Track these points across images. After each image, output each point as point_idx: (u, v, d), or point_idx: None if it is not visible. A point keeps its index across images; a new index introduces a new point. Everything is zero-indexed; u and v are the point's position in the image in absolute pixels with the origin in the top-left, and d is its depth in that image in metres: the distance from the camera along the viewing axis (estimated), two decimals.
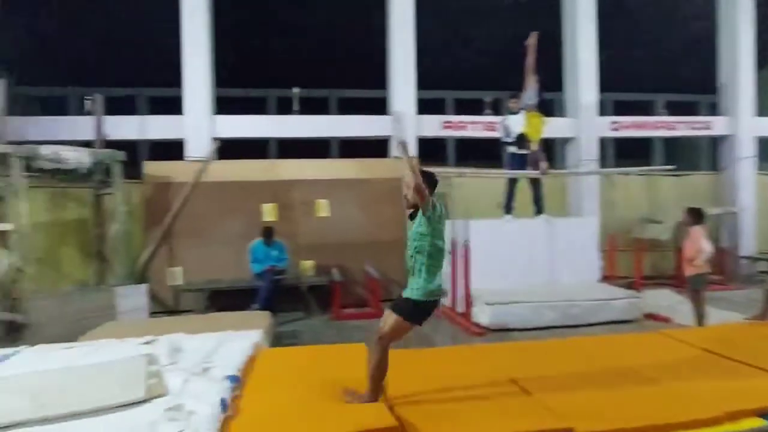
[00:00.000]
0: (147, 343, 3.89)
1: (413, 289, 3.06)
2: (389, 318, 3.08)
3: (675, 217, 7.97)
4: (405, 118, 8.72)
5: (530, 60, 7.56)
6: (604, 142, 10.46)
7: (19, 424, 2.44)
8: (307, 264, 8.10)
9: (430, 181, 3.11)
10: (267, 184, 8.09)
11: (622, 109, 11.51)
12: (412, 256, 3.11)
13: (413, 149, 9.00)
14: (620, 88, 11.87)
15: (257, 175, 8.18)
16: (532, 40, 7.54)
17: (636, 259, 7.59)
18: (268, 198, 8.11)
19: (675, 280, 8.37)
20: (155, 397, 2.60)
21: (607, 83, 10.11)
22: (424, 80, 9.54)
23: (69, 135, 8.05)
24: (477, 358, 4.12)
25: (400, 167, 8.53)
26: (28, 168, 6.19)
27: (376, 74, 10.04)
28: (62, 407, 2.51)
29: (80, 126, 8.25)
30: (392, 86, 9.27)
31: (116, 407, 2.52)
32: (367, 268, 7.70)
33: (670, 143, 12.57)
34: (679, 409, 2.98)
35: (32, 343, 4.48)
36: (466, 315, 6.40)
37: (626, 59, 11.91)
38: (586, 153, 9.53)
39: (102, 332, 4.92)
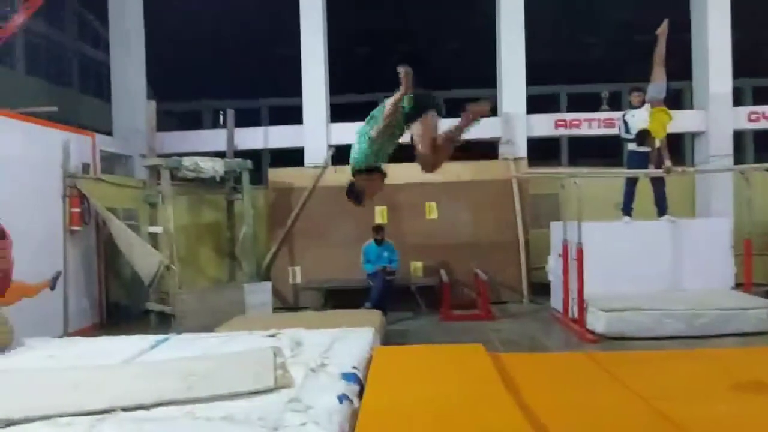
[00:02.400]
0: (272, 336, 4.28)
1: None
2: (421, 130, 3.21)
3: None
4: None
5: (660, 50, 6.93)
6: (740, 135, 9.45)
7: (169, 402, 2.81)
8: (417, 265, 8.31)
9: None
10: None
11: (763, 96, 10.29)
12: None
13: (522, 149, 8.84)
14: (762, 72, 10.64)
15: None
16: (663, 28, 6.92)
17: None
18: (380, 201, 8.45)
19: None
20: (281, 388, 2.89)
21: (745, 68, 9.12)
22: (535, 75, 9.29)
23: (204, 147, 9.00)
24: (593, 365, 3.99)
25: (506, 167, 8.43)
26: (173, 177, 7.07)
27: (485, 72, 9.97)
28: (205, 390, 2.89)
29: (213, 138, 9.21)
30: (501, 84, 9.15)
31: (249, 394, 2.85)
32: (475, 270, 7.73)
33: None
34: None
35: (178, 332, 5.15)
36: (580, 321, 6.19)
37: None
38: (717, 148, 8.69)
39: (233, 324, 5.49)
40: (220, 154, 8.22)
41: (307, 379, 3.06)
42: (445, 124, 3.39)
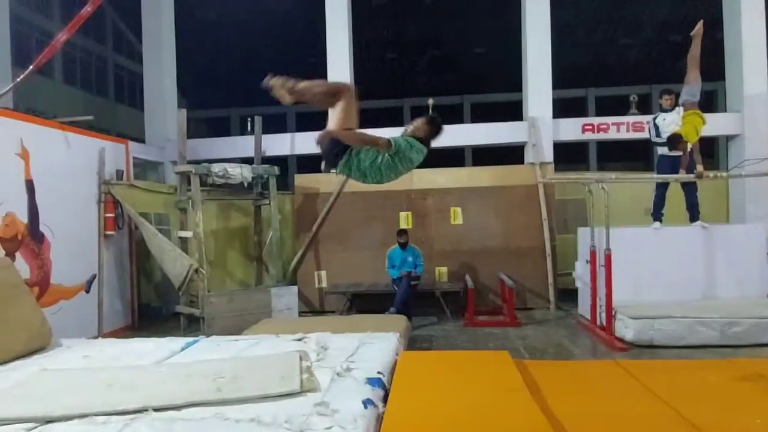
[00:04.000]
0: (299, 339, 4.34)
1: None
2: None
3: None
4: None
5: (694, 51, 6.76)
6: None
7: (199, 403, 2.87)
8: (441, 270, 8.30)
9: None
10: (403, 193, 8.46)
11: None
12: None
13: (549, 153, 8.75)
14: None
15: (394, 185, 8.48)
16: (698, 29, 6.75)
17: None
18: (404, 206, 8.49)
19: None
20: (307, 391, 2.93)
21: None
22: (562, 78, 9.20)
23: (232, 153, 9.17)
24: (621, 374, 3.92)
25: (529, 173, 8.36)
26: (203, 183, 7.24)
27: (512, 77, 9.92)
28: (234, 392, 2.95)
29: (241, 145, 9.38)
30: (527, 88, 9.09)
31: (275, 397, 2.89)
32: (500, 275, 7.68)
33: None
34: None
35: (207, 334, 5.26)
36: (608, 328, 6.09)
37: None
38: (752, 151, 8.46)
39: (260, 328, 5.56)
40: (248, 161, 8.37)
41: (333, 383, 3.09)
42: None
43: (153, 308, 8.05)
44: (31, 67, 5.43)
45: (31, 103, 11.54)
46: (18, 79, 6.34)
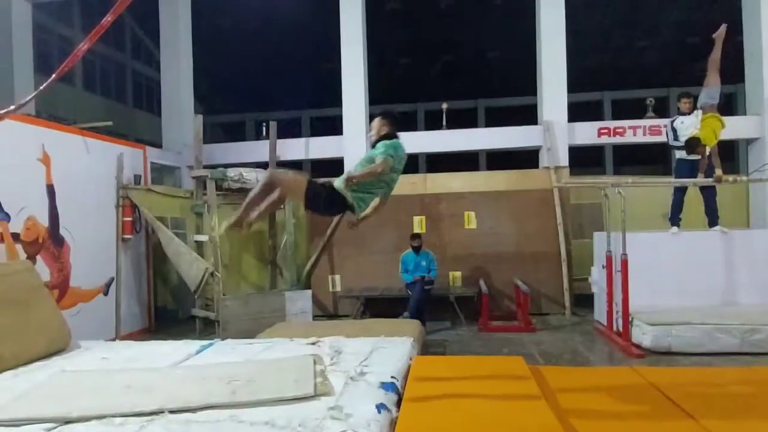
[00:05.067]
0: (313, 343, 4.35)
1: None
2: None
3: None
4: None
5: (716, 55, 6.67)
6: None
7: (214, 406, 2.89)
8: (455, 275, 8.27)
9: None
10: (417, 197, 8.46)
11: None
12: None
13: (564, 158, 8.69)
14: None
15: (408, 189, 8.57)
16: (720, 32, 6.66)
17: None
18: (418, 210, 8.48)
19: None
20: (321, 395, 2.95)
21: None
22: (578, 81, 9.13)
23: (247, 158, 9.25)
24: (638, 380, 3.87)
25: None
26: (218, 187, 7.31)
27: (527, 80, 9.88)
28: (248, 395, 2.97)
29: (256, 149, 9.45)
30: (542, 92, 9.03)
31: (289, 400, 2.91)
32: (515, 280, 7.64)
33: None
34: None
35: (222, 337, 5.30)
36: (624, 334, 6.01)
37: None
38: None
39: (274, 331, 5.59)
40: (263, 165, 8.43)
41: (347, 387, 3.10)
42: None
43: (169, 311, 8.14)
44: (53, 76, 5.54)
45: (53, 110, 11.78)
46: (40, 88, 6.46)
